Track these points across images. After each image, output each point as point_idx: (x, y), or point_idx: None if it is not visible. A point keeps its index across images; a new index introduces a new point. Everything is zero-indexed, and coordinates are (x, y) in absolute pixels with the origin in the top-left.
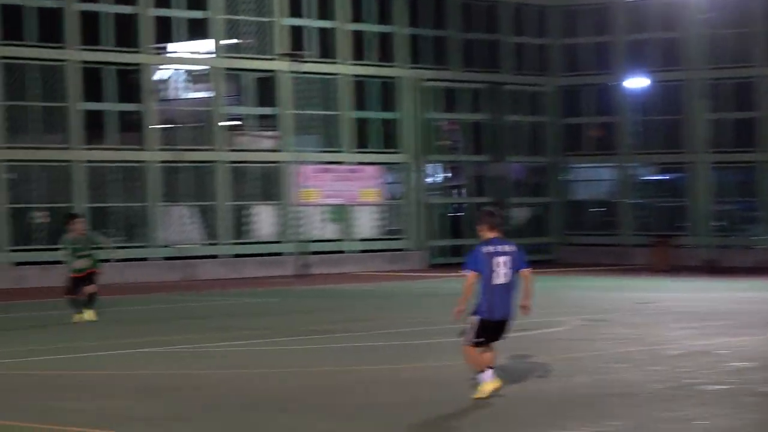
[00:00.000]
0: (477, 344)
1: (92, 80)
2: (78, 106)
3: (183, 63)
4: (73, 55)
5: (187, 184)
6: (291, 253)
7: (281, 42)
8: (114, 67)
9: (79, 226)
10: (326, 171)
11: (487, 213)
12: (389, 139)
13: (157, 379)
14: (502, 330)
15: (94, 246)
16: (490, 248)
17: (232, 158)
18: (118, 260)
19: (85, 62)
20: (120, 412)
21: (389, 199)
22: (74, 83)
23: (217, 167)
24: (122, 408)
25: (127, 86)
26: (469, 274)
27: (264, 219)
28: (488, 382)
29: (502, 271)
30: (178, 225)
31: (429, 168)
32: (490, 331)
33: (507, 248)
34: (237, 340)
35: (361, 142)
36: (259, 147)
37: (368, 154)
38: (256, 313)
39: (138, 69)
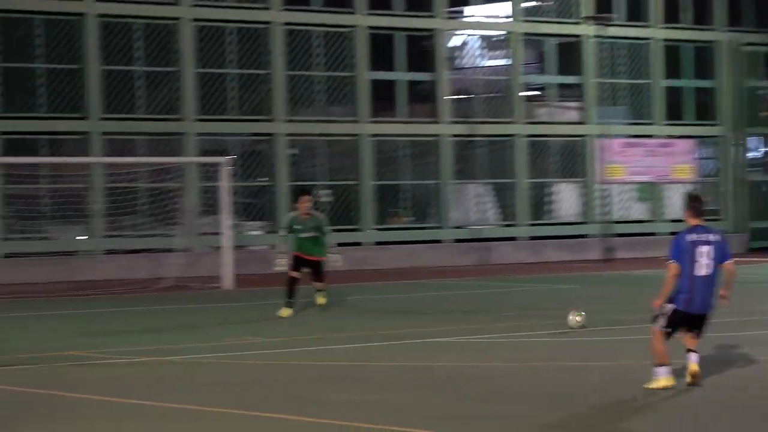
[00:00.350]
0: (666, 333)
1: (381, 47)
2: (365, 75)
3: (479, 28)
4: (361, 20)
5: (483, 159)
6: (595, 236)
7: (585, 4)
8: (405, 33)
9: (304, 206)
10: (634, 145)
11: (692, 198)
12: (704, 109)
13: (457, 371)
14: (699, 324)
15: (317, 231)
16: (694, 236)
17: (531, 131)
18: (409, 242)
19: (374, 28)
20: (411, 406)
21: (704, 176)
22: (362, 51)
23: (515, 141)
24: (411, 401)
25: (418, 54)
26: (672, 265)
27: (565, 198)
28: (662, 378)
29: (704, 261)
30: (472, 204)
31: (749, 141)
32: (683, 323)
33: (711, 237)
34: (530, 330)
35: (673, 114)
36: (561, 119)
37: (681, 127)
38: (554, 301)
39: (431, 35)
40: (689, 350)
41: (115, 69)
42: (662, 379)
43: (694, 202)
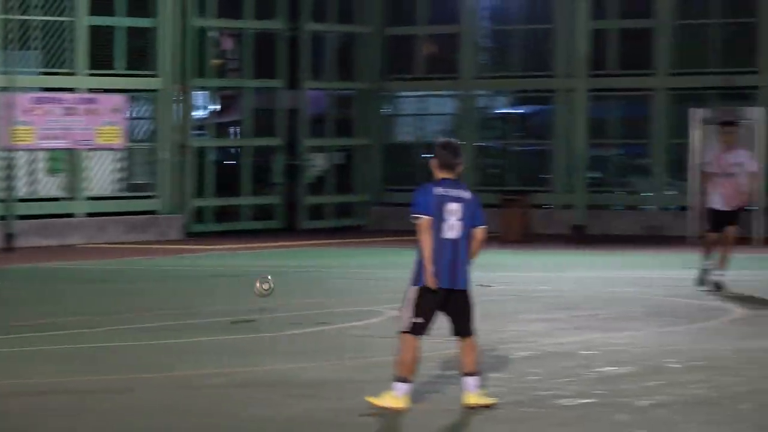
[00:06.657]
0: (417, 325)
1: None
2: None
3: None
4: None
5: None
6: None
7: None
8: None
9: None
10: (49, 101)
11: (440, 146)
12: (138, 56)
13: None
14: (455, 308)
15: None
16: (440, 190)
17: None
18: None
19: None
20: None
21: (136, 141)
22: None
23: None
24: None
25: None
26: (422, 221)
27: None
28: (398, 398)
29: (453, 221)
30: None
31: (195, 97)
32: (433, 305)
33: (463, 194)
34: None
35: (100, 61)
36: None
37: (109, 78)
38: None
39: None
40: (465, 374)
41: None
42: (397, 398)
43: (443, 150)
